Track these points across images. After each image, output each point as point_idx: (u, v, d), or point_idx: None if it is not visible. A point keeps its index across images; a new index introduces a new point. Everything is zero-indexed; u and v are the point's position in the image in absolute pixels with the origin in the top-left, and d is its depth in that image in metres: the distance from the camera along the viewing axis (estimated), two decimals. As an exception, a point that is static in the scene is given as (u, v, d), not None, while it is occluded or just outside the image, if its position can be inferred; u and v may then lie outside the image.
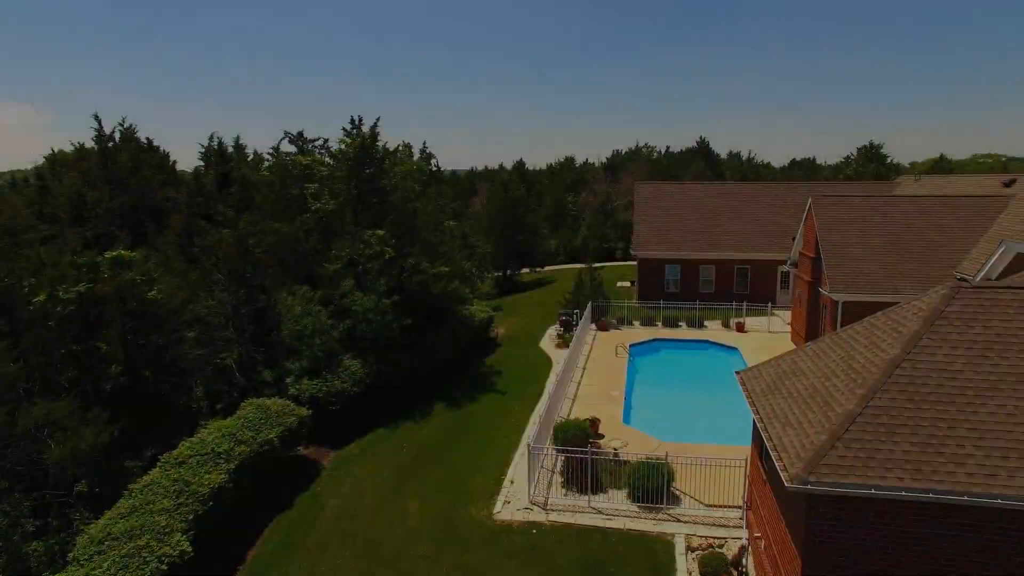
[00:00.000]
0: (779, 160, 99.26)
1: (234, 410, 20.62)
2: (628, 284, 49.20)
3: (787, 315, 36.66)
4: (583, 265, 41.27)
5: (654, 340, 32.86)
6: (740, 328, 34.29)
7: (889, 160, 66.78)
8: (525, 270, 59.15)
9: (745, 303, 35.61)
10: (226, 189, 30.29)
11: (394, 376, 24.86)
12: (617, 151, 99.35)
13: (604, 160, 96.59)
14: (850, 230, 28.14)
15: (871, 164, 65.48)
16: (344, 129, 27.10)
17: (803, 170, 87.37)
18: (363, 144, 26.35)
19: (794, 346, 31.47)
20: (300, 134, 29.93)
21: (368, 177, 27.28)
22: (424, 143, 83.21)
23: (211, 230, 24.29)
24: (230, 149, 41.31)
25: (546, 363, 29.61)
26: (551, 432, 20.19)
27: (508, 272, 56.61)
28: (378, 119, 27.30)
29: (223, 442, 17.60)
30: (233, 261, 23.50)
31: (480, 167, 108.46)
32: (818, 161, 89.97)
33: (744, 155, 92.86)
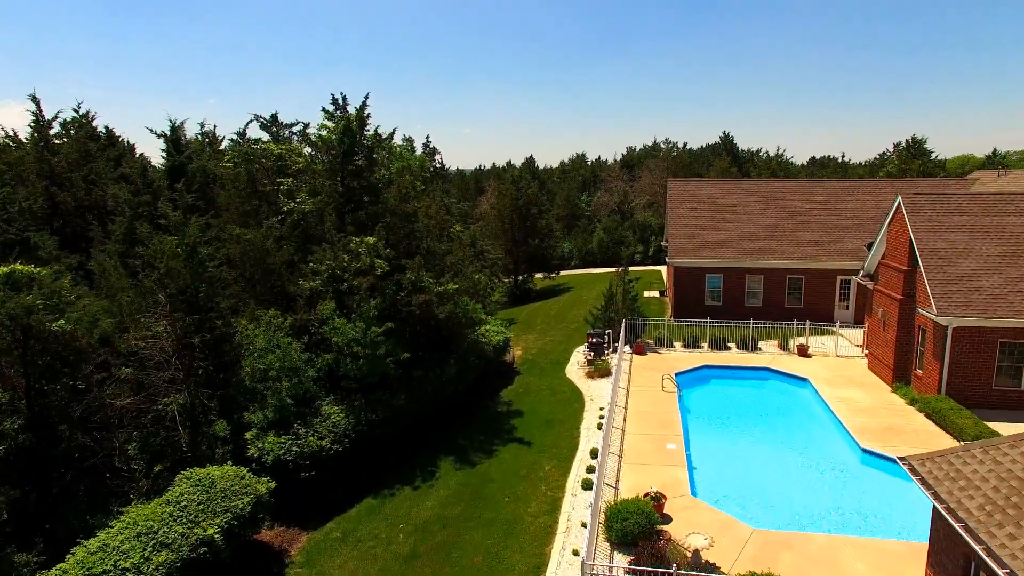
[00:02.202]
0: (798, 157, 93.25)
1: (179, 473, 15.26)
2: (657, 294, 43.64)
3: (853, 334, 31.14)
4: (614, 269, 35.67)
5: (703, 367, 27.34)
6: (803, 351, 28.75)
7: (935, 156, 61.07)
8: (539, 276, 53.82)
9: (808, 321, 30.04)
10: (177, 184, 24.80)
11: (387, 425, 19.39)
12: (632, 148, 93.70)
13: (619, 157, 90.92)
14: (957, 236, 22.69)
15: (916, 161, 59.80)
16: (325, 110, 21.42)
17: (827, 169, 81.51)
18: (348, 128, 20.74)
19: (874, 375, 25.91)
20: (274, 117, 24.36)
21: (356, 170, 21.74)
22: (427, 137, 77.93)
23: (154, 236, 18.83)
24: (197, 137, 35.71)
25: (576, 399, 24.11)
26: (601, 516, 14.77)
27: (520, 279, 51.27)
28: (367, 96, 21.61)
29: (135, 548, 12.12)
30: (180, 277, 18.03)
31: (487, 165, 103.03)
32: (847, 159, 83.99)
33: (759, 152, 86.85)
